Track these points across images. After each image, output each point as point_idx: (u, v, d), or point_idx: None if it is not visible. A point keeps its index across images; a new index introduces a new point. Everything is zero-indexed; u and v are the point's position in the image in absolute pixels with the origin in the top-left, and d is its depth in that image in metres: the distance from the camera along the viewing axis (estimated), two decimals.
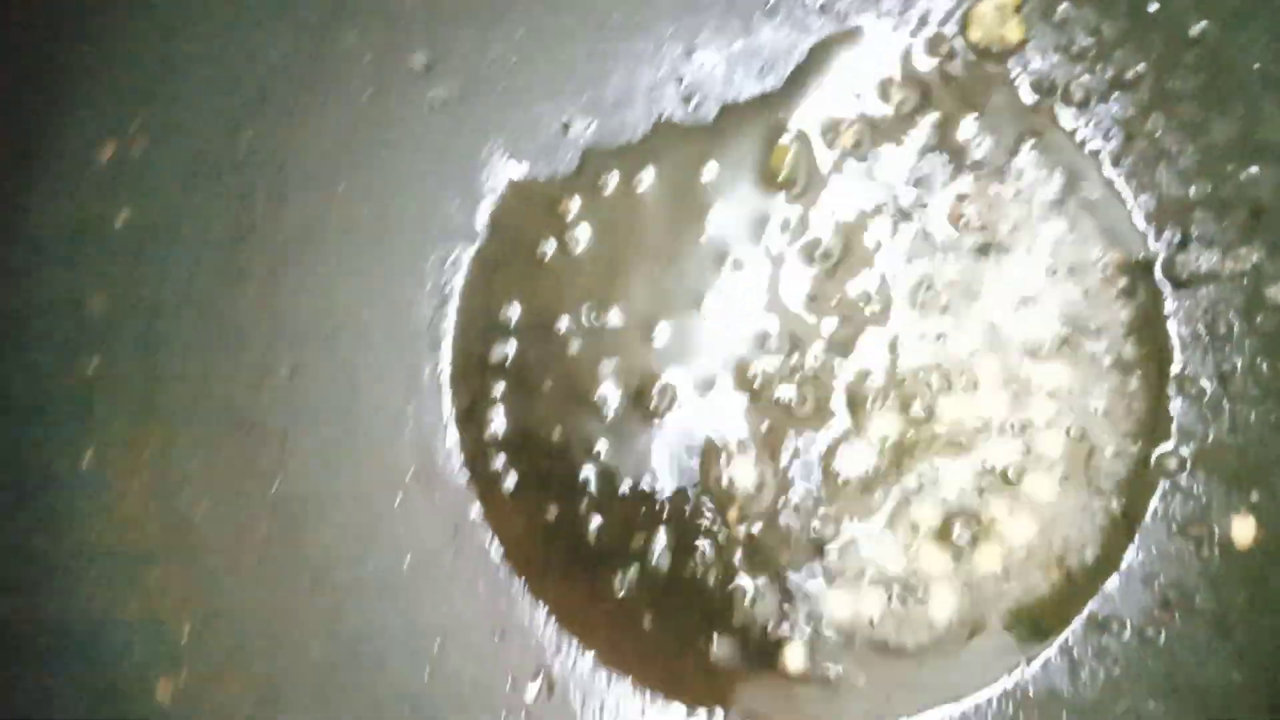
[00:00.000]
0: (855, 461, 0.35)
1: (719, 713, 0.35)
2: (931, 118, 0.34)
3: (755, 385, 0.35)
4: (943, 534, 0.34)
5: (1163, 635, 0.32)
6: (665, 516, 0.36)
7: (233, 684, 0.34)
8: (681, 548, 0.36)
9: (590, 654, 0.36)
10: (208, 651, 0.34)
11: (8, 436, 0.32)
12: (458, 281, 0.37)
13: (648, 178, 0.36)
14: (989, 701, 0.33)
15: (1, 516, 0.32)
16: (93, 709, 0.32)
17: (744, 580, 0.35)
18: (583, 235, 0.37)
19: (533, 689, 0.36)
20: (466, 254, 0.37)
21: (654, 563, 0.36)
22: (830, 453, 0.34)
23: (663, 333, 0.36)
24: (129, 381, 0.34)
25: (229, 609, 0.35)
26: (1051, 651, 0.32)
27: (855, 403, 0.34)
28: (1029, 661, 0.33)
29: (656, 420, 0.36)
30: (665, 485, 0.36)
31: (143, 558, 0.34)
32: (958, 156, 0.34)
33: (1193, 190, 0.32)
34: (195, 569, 0.35)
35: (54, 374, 0.33)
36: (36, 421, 0.33)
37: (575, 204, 0.36)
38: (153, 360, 0.35)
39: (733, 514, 0.35)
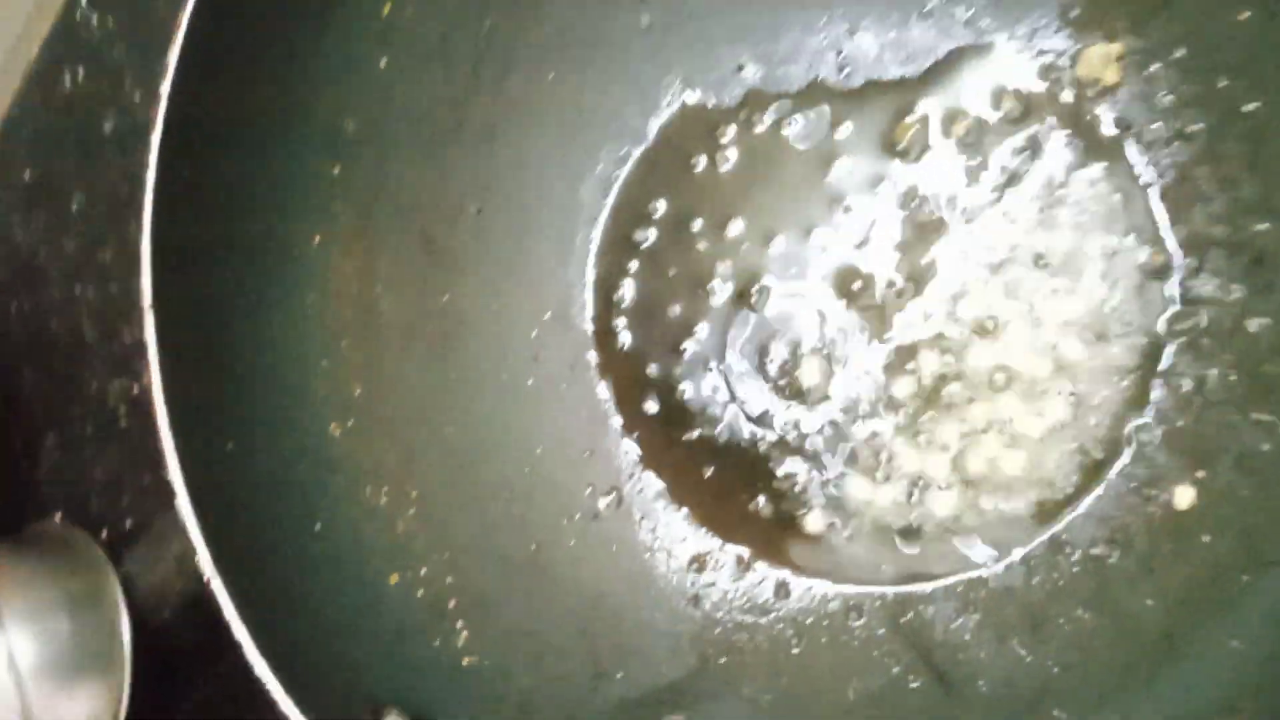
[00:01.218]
0: (900, 383, 0.45)
1: (746, 552, 0.47)
2: (1029, 128, 0.44)
3: (837, 305, 0.46)
4: (953, 452, 0.44)
5: (1103, 564, 0.42)
6: (738, 393, 0.47)
7: (382, 439, 0.46)
8: (746, 419, 0.47)
9: (656, 485, 0.48)
10: (370, 411, 0.46)
11: (266, 211, 0.43)
12: (622, 173, 0.48)
13: (794, 123, 0.47)
14: (956, 584, 0.44)
15: (248, 266, 0.43)
16: (281, 428, 0.44)
17: (789, 456, 0.47)
18: (730, 157, 0.47)
19: (605, 500, 0.48)
20: (634, 153, 0.48)
21: (723, 427, 0.48)
22: (882, 371, 0.45)
23: (774, 247, 0.47)
24: (358, 191, 0.45)
25: (391, 385, 0.47)
26: (1015, 558, 0.43)
27: (910, 340, 0.45)
28: (995, 562, 0.44)
29: (752, 315, 0.47)
30: (744, 368, 0.47)
31: (338, 328, 0.45)
32: (1044, 159, 0.44)
33: (1215, 231, 0.41)
34: (373, 347, 0.46)
35: (307, 171, 0.44)
36: (287, 205, 0.44)
37: (731, 131, 0.47)
38: (379, 180, 0.45)
39: (796, 406, 0.47)
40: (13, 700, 0.50)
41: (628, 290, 0.48)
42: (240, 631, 0.37)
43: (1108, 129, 0.43)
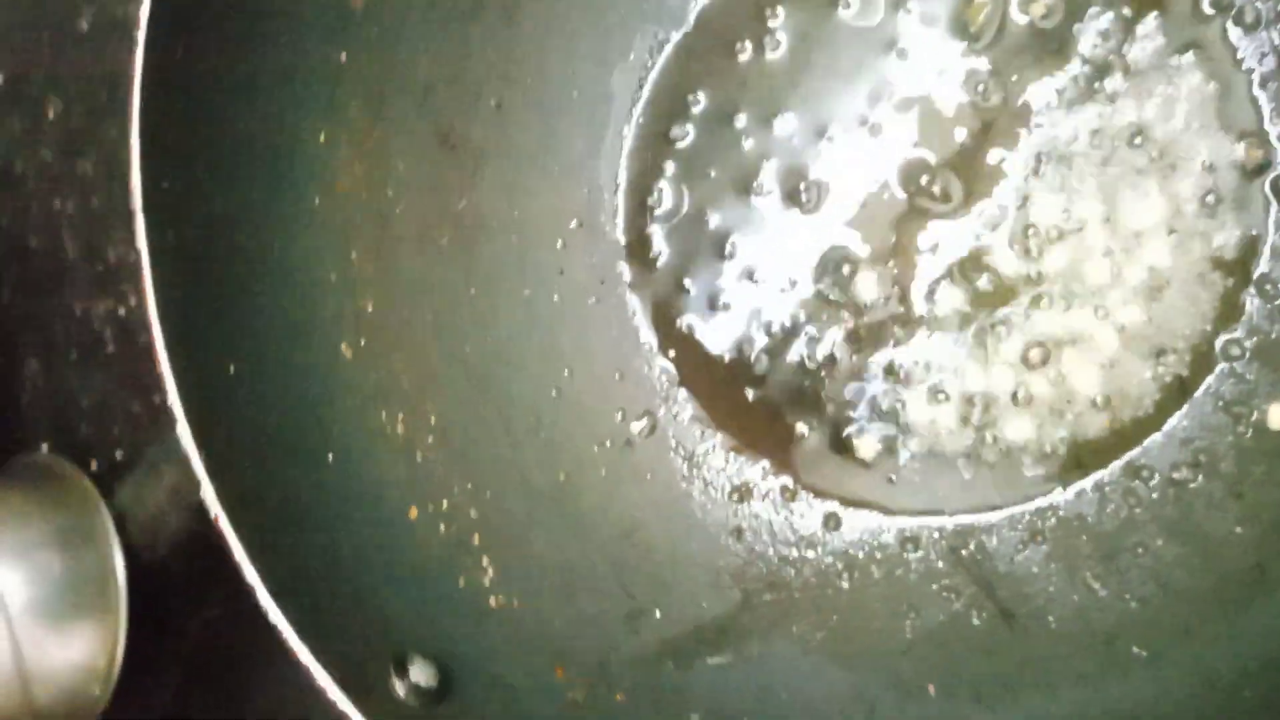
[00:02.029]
0: (955, 295, 0.43)
1: (791, 481, 0.45)
2: (1117, 8, 0.41)
3: (898, 207, 0.43)
4: (1021, 368, 0.42)
5: (1185, 489, 0.41)
6: (787, 305, 0.45)
7: (397, 359, 0.43)
8: (794, 335, 0.45)
9: (693, 409, 0.46)
10: (383, 328, 0.43)
11: (267, 105, 0.40)
12: (657, 62, 0.45)
13: (853, 2, 0.43)
14: (1023, 514, 0.42)
15: (248, 167, 0.40)
16: (287, 348, 0.41)
17: (840, 375, 0.44)
18: (780, 43, 0.44)
19: (638, 425, 0.46)
20: (671, 38, 0.45)
21: (766, 344, 0.45)
22: (947, 280, 0.43)
23: (827, 144, 0.44)
24: (367, 80, 0.42)
25: (405, 296, 0.44)
26: (1087, 484, 0.41)
27: (978, 244, 0.42)
28: (1065, 488, 0.42)
29: (802, 219, 0.44)
30: (792, 278, 0.45)
31: (348, 236, 0.43)
32: (1132, 45, 0.41)
33: None
34: (385, 256, 0.43)
35: (311, 57, 0.41)
36: (290, 97, 0.40)
37: (780, 13, 0.44)
38: (390, 67, 0.42)
39: (849, 319, 0.44)
40: (3, 643, 0.48)
41: (663, 194, 0.46)
42: (251, 574, 0.35)
43: (1205, 8, 0.40)
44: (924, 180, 0.43)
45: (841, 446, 0.44)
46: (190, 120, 0.37)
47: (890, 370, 0.44)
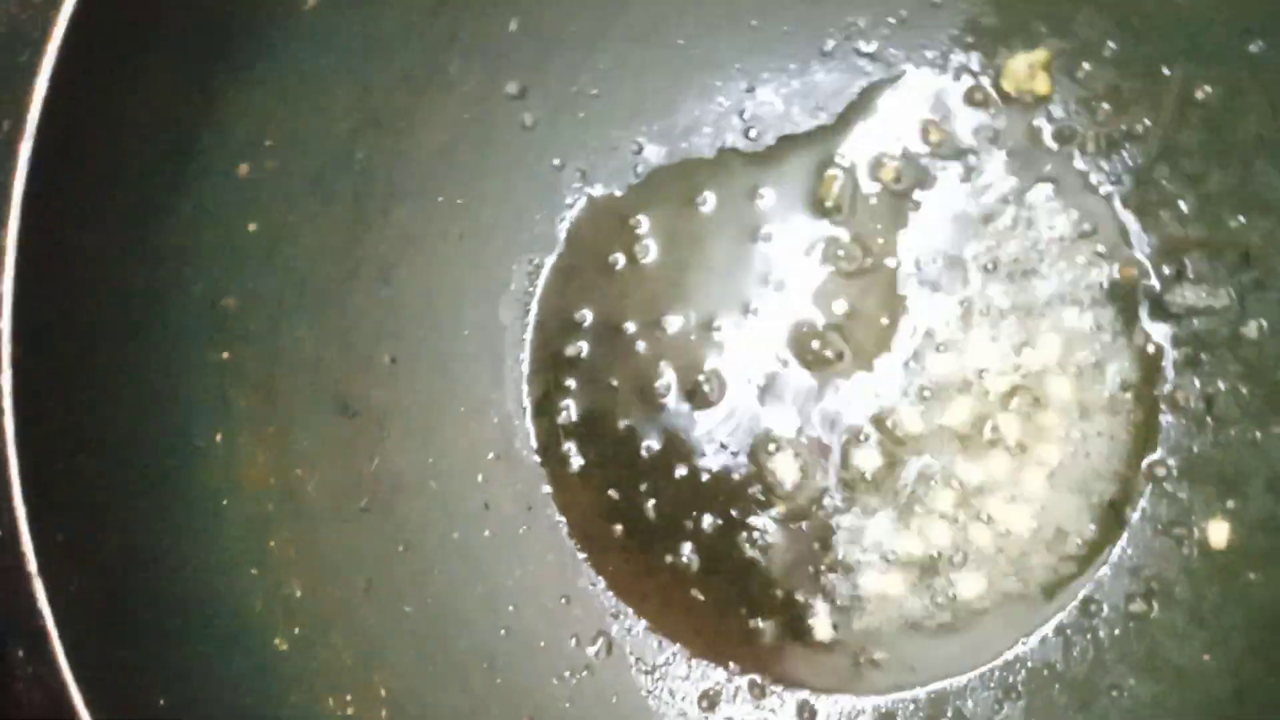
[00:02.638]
0: (872, 459, 0.44)
1: (757, 677, 0.45)
2: (964, 159, 0.42)
3: (799, 386, 0.44)
4: (954, 522, 0.43)
5: (1145, 621, 0.41)
6: (713, 500, 0.45)
7: (337, 637, 0.43)
8: (727, 529, 0.45)
9: (643, 621, 0.46)
10: (317, 608, 0.43)
11: (151, 418, 0.41)
12: (538, 286, 0.47)
13: (710, 199, 0.45)
14: (992, 672, 0.42)
15: (145, 486, 0.41)
16: (216, 664, 0.41)
17: (780, 559, 0.45)
18: (650, 248, 0.46)
19: (593, 648, 0.46)
20: (547, 261, 0.46)
21: (702, 542, 0.46)
22: (861, 449, 0.44)
23: (717, 335, 0.45)
24: (255, 371, 0.43)
25: (333, 572, 0.44)
26: (1048, 629, 0.42)
27: (883, 407, 0.43)
28: (1029, 637, 0.42)
29: (710, 413, 0.45)
30: (711, 470, 0.45)
31: (261, 525, 0.43)
32: (985, 192, 0.42)
33: (1190, 232, 0.40)
34: (306, 536, 0.44)
35: (191, 364, 0.42)
36: (175, 405, 0.42)
37: (644, 220, 0.46)
38: (275, 352, 0.44)
39: (776, 504, 0.45)
40: None
41: (570, 410, 0.46)
42: None
43: (1049, 143, 0.42)
44: (817, 355, 0.44)
45: (798, 632, 0.44)
46: (73, 451, 0.38)
47: (829, 547, 0.44)
